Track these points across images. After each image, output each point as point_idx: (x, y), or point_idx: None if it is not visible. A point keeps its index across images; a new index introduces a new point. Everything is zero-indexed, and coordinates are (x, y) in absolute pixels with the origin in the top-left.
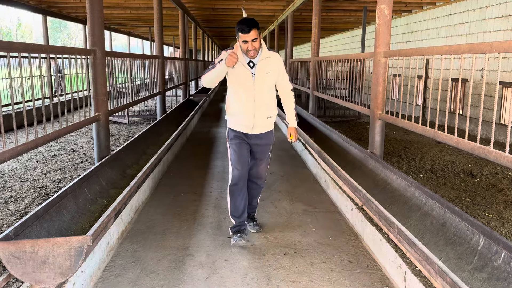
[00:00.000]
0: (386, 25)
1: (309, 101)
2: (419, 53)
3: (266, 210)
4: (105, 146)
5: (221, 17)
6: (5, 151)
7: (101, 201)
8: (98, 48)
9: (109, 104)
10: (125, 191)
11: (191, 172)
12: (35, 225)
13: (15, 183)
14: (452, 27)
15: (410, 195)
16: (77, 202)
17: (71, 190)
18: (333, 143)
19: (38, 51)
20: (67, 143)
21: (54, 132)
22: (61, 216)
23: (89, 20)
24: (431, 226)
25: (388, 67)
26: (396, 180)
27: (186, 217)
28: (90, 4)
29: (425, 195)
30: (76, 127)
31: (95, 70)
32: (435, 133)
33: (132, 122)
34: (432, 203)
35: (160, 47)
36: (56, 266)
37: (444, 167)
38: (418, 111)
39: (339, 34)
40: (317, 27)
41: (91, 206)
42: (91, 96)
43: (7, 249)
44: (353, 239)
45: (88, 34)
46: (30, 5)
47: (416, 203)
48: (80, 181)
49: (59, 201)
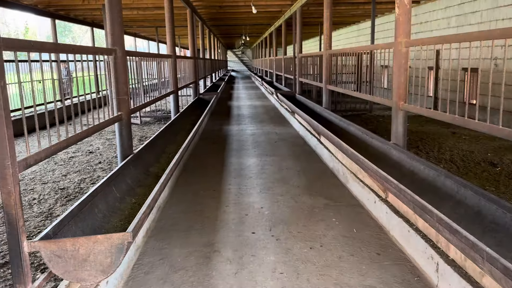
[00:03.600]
0: (406, 14)
1: (322, 96)
2: (446, 41)
3: (287, 205)
4: (128, 145)
5: (228, 14)
6: (41, 151)
7: (129, 199)
8: (118, 48)
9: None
10: (155, 188)
11: (207, 169)
12: (71, 224)
13: (36, 186)
14: (463, 16)
15: (440, 184)
16: (107, 201)
17: (101, 189)
18: (351, 136)
19: (67, 51)
20: (82, 144)
21: (82, 132)
22: (93, 215)
23: (108, 20)
24: (466, 215)
25: (409, 56)
26: (424, 170)
27: (207, 214)
28: (109, 3)
29: (457, 184)
30: (101, 127)
31: (116, 70)
32: (464, 121)
33: (144, 123)
34: (465, 191)
35: (172, 46)
36: (97, 263)
37: (464, 157)
38: (430, 104)
39: (345, 28)
40: (329, 20)
41: (120, 204)
42: (109, 97)
43: (48, 248)
44: (378, 231)
45: (108, 34)
46: (38, 9)
47: (448, 192)
48: (108, 180)
49: (90, 200)
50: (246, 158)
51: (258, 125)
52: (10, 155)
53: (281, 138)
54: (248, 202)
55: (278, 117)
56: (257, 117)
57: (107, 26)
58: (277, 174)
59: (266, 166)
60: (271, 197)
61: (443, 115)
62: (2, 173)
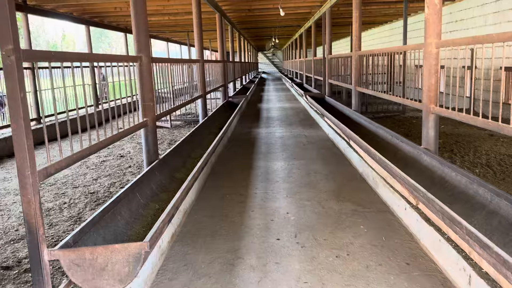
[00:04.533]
0: (437, 14)
1: (352, 98)
2: (478, 41)
3: (313, 211)
4: (154, 151)
5: (257, 17)
6: (62, 160)
7: (153, 205)
8: (143, 55)
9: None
10: (176, 195)
11: (234, 173)
12: (92, 232)
13: (67, 190)
14: (501, 13)
15: (472, 192)
16: (130, 207)
17: (124, 196)
18: (380, 139)
19: (92, 60)
20: (114, 148)
21: (106, 139)
22: (116, 222)
23: (134, 27)
24: (499, 226)
25: (440, 57)
26: (455, 177)
27: (233, 219)
28: (135, 11)
29: (490, 193)
30: (126, 133)
31: (142, 76)
32: (499, 126)
33: (174, 126)
34: (499, 200)
35: (200, 50)
36: (115, 273)
37: (501, 161)
38: (467, 104)
39: (377, 28)
40: (358, 21)
41: (143, 210)
42: (136, 102)
43: (67, 256)
44: (408, 240)
45: (134, 41)
46: (74, 17)
47: (480, 201)
48: (132, 186)
49: (113, 207)
50: (274, 161)
51: (287, 127)
52: (30, 165)
53: (310, 141)
54: (274, 207)
55: (308, 120)
56: (286, 119)
57: (133, 34)
58: (305, 178)
59: (294, 170)
60: (298, 202)
61: (475, 119)
62: (22, 182)
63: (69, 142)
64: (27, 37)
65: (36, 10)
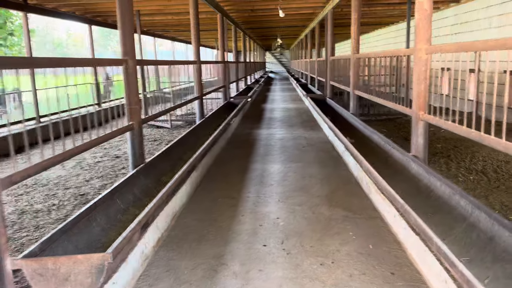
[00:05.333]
0: (427, 19)
1: (350, 101)
2: (464, 49)
3: (303, 216)
4: (140, 154)
5: (261, 17)
6: (30, 167)
7: (133, 210)
8: (129, 58)
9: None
10: (151, 203)
11: (230, 175)
12: (63, 240)
13: (58, 191)
14: (505, 16)
15: (455, 203)
16: (108, 213)
17: (101, 202)
18: (374, 145)
19: (77, 64)
20: (111, 149)
21: (83, 145)
22: (90, 229)
23: (120, 30)
24: (478, 240)
25: (430, 63)
26: (440, 187)
27: (222, 223)
28: (121, 14)
29: (471, 205)
30: (110, 136)
31: (128, 80)
32: (481, 136)
33: (175, 126)
34: (479, 213)
35: (197, 51)
36: (78, 283)
37: (498, 168)
38: (470, 107)
39: (384, 28)
40: (357, 23)
41: (122, 216)
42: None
43: (30, 266)
44: (396, 248)
45: (120, 44)
46: (76, 16)
47: (461, 213)
48: (112, 191)
49: (88, 213)
50: (271, 164)
51: (289, 129)
52: None
53: (309, 143)
54: (264, 212)
55: (310, 121)
56: (289, 120)
57: (119, 36)
58: (299, 182)
59: (289, 173)
60: (289, 207)
61: (459, 129)
62: None
63: (52, 145)
64: (27, 36)
65: (37, 9)
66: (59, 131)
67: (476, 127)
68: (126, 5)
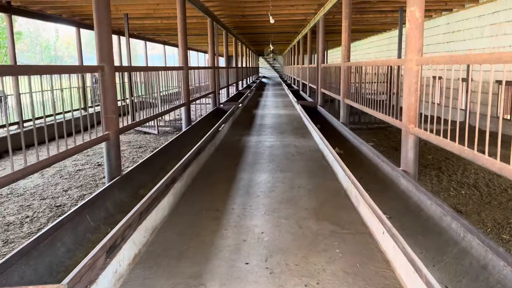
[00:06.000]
0: (418, 29)
1: (340, 110)
2: (455, 61)
3: (289, 231)
4: (116, 166)
5: (252, 23)
6: None
7: (104, 228)
8: (106, 64)
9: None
10: (120, 223)
11: (215, 185)
12: (20, 264)
13: (34, 201)
14: (497, 25)
15: (446, 225)
16: (76, 232)
17: (68, 220)
18: (363, 156)
19: (51, 72)
20: (94, 156)
21: (51, 157)
22: (54, 250)
23: (96, 33)
24: (470, 268)
25: (421, 74)
26: (430, 206)
27: (204, 238)
28: (97, 18)
29: (463, 228)
30: (84, 147)
31: (104, 87)
32: (474, 155)
33: (162, 132)
34: (471, 238)
35: (184, 57)
36: None
37: (489, 182)
38: (462, 116)
39: (376, 36)
40: (348, 31)
41: (92, 235)
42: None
43: None
44: (384, 267)
45: (96, 50)
46: (63, 19)
47: (453, 237)
48: (81, 208)
49: (52, 233)
50: (259, 173)
51: (279, 136)
52: None
53: (299, 151)
54: (249, 225)
55: (301, 128)
56: (279, 127)
57: (95, 41)
58: (287, 193)
59: (277, 184)
60: (275, 220)
61: (452, 145)
62: None
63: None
64: (11, 38)
65: (22, 12)
66: (39, 137)
67: (470, 139)
68: (103, 6)
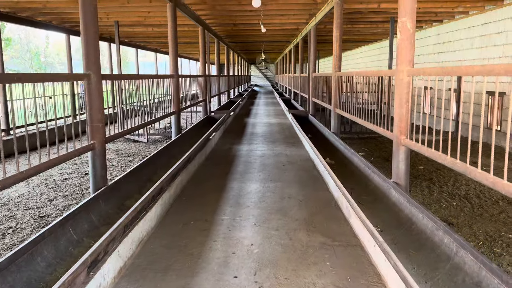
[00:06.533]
0: (409, 40)
1: (331, 119)
2: (447, 73)
3: (279, 243)
4: (101, 176)
5: (243, 32)
6: None
7: (88, 241)
8: (92, 72)
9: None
10: (103, 237)
11: (205, 195)
12: None
13: (18, 211)
14: (487, 36)
15: (438, 240)
16: (57, 246)
17: (50, 233)
18: (354, 167)
19: (33, 80)
20: (81, 164)
21: (36, 167)
22: (33, 265)
23: (82, 40)
24: (463, 285)
25: (412, 85)
26: (422, 219)
27: (192, 250)
28: (84, 25)
29: (456, 243)
30: (68, 157)
31: (90, 96)
32: (466, 169)
33: (152, 141)
34: (464, 253)
35: (175, 65)
36: None
37: (481, 193)
38: (452, 126)
39: (367, 46)
40: (339, 41)
41: (74, 249)
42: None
43: None
44: (375, 281)
45: (83, 58)
46: (53, 25)
47: (445, 252)
48: (64, 220)
49: (32, 247)
50: (249, 183)
51: (270, 145)
52: None
53: (290, 161)
54: (238, 237)
55: (292, 137)
56: (271, 136)
57: (82, 48)
58: (278, 204)
59: (268, 194)
60: (265, 231)
61: (443, 158)
62: None
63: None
64: None
65: (11, 18)
66: (26, 144)
67: (462, 151)
68: (90, 13)
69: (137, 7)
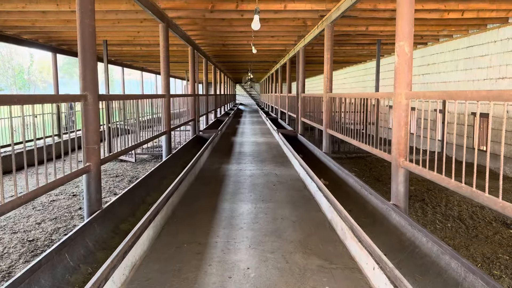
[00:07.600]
0: (407, 63)
1: (323, 140)
2: (450, 97)
3: (276, 266)
4: (96, 199)
5: (232, 52)
6: None
7: (85, 268)
8: (89, 93)
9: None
10: (103, 266)
11: (196, 217)
12: None
13: (4, 235)
14: (471, 59)
15: (444, 264)
16: (54, 273)
17: (47, 260)
18: (350, 188)
19: (31, 102)
20: (68, 185)
21: (30, 193)
22: None
23: (80, 62)
24: None
25: (410, 108)
26: (426, 243)
27: (186, 275)
28: (82, 46)
29: (463, 267)
30: (65, 180)
31: (87, 117)
32: (472, 193)
33: (139, 160)
34: (474, 279)
35: (166, 85)
36: None
37: (473, 214)
38: (439, 147)
39: (352, 66)
40: (330, 63)
41: (71, 276)
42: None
43: None
44: None
45: (80, 78)
46: (40, 44)
47: (453, 277)
48: (60, 246)
49: (29, 276)
50: (240, 203)
51: (259, 164)
52: None
53: (280, 180)
54: (234, 260)
55: (280, 156)
56: (259, 155)
57: (79, 69)
58: (271, 225)
59: (260, 215)
60: (261, 254)
61: (448, 181)
62: None
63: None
64: None
65: None
66: (12, 164)
67: (458, 173)
68: (88, 34)
69: (127, 27)
